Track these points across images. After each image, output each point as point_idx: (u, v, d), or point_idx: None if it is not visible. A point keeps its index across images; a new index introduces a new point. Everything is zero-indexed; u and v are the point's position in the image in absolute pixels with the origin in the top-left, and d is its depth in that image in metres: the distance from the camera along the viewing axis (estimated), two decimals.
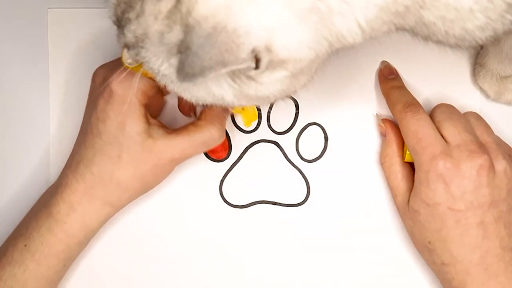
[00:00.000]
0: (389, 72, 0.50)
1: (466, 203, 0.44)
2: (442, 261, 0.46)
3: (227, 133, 0.51)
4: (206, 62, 0.31)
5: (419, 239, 0.47)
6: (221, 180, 0.52)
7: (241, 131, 0.52)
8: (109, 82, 0.44)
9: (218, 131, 0.46)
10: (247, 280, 0.52)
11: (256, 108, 0.51)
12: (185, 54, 0.32)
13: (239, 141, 0.52)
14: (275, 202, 0.52)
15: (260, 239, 0.52)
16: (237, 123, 0.52)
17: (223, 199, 0.52)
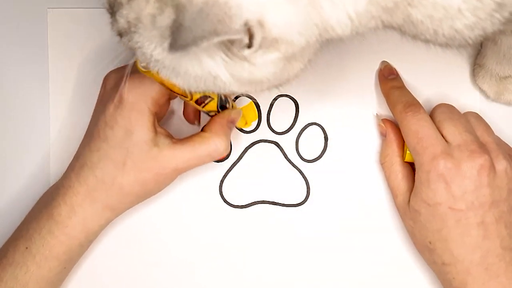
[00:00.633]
0: (389, 72, 0.50)
1: (467, 203, 0.44)
2: (443, 261, 0.46)
3: None
4: (198, 32, 0.31)
5: (419, 239, 0.47)
6: (221, 180, 0.52)
7: (241, 131, 0.52)
8: (121, 88, 0.43)
9: (224, 144, 0.46)
10: (247, 280, 0.52)
11: (256, 108, 0.52)
12: (177, 30, 0.32)
13: (239, 141, 0.52)
14: (275, 202, 0.52)
15: (260, 239, 0.52)
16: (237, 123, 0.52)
17: (223, 199, 0.52)
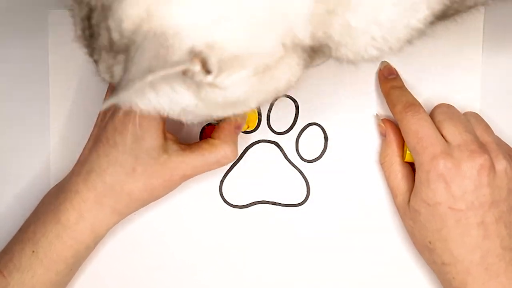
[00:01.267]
0: (389, 72, 0.50)
1: (467, 203, 0.44)
2: (443, 261, 0.46)
3: None
4: (131, 74, 0.30)
5: (419, 239, 0.47)
6: (221, 180, 0.52)
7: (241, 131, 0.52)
8: None
9: (232, 150, 0.46)
10: (247, 280, 0.52)
11: (256, 109, 0.52)
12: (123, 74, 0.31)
13: (239, 141, 0.52)
14: (275, 202, 0.52)
15: (260, 239, 0.52)
16: None
17: (223, 199, 0.52)
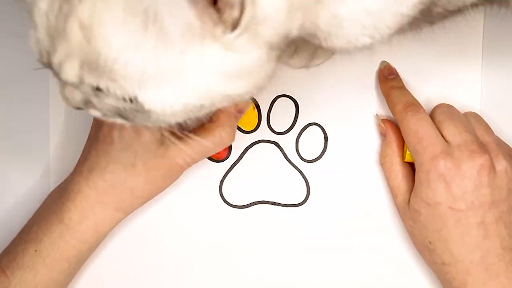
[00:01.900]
0: (389, 72, 0.50)
1: (467, 203, 0.44)
2: (443, 261, 0.46)
3: None
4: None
5: (419, 239, 0.47)
6: (221, 180, 0.52)
7: (241, 131, 0.52)
8: None
9: (228, 134, 0.46)
10: (247, 280, 0.52)
11: (256, 108, 0.52)
12: None
13: (239, 141, 0.52)
14: (275, 202, 0.52)
15: (260, 239, 0.52)
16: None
17: (223, 199, 0.52)
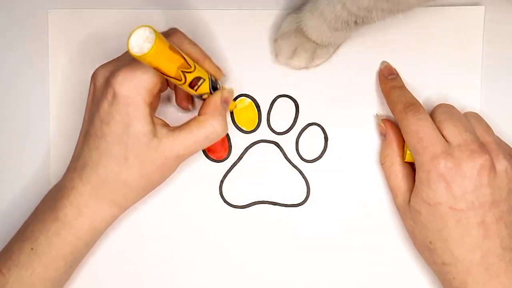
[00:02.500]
0: (389, 72, 0.50)
1: (467, 203, 0.44)
2: (443, 261, 0.46)
3: (227, 133, 0.51)
4: None
5: (419, 239, 0.47)
6: (221, 180, 0.52)
7: (241, 131, 0.52)
8: (112, 83, 0.43)
9: (220, 125, 0.46)
10: (247, 280, 0.52)
11: (256, 108, 0.52)
12: None
13: (239, 141, 0.52)
14: (275, 202, 0.52)
15: (260, 239, 0.52)
16: (237, 123, 0.52)
17: (223, 199, 0.52)
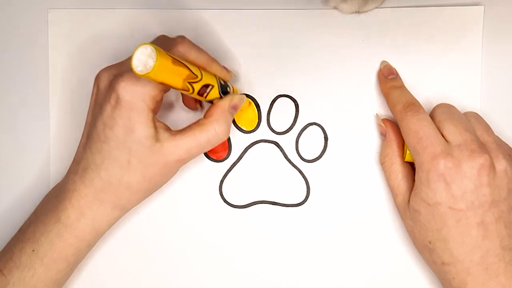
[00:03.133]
0: (389, 72, 0.50)
1: (467, 202, 0.44)
2: (443, 261, 0.46)
3: None
4: None
5: (419, 239, 0.47)
6: (221, 180, 0.52)
7: (241, 131, 0.52)
8: (116, 87, 0.43)
9: (223, 128, 0.46)
10: (247, 280, 0.52)
11: (256, 108, 0.52)
12: None
13: (239, 141, 0.52)
14: (275, 202, 0.52)
15: (260, 239, 0.52)
16: (237, 123, 0.52)
17: (223, 199, 0.52)
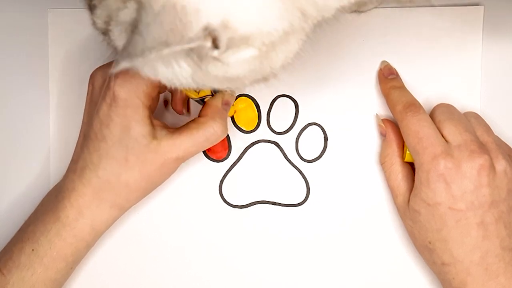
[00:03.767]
0: (389, 72, 0.50)
1: (467, 203, 0.44)
2: (443, 261, 0.46)
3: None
4: (148, 42, 0.30)
5: (419, 239, 0.47)
6: (221, 180, 0.52)
7: (241, 131, 0.52)
8: (111, 85, 0.43)
9: (220, 126, 0.46)
10: (247, 280, 0.52)
11: (256, 108, 0.52)
12: (132, 33, 0.31)
13: (239, 141, 0.52)
14: (275, 202, 0.52)
15: (260, 239, 0.52)
16: (237, 123, 0.52)
17: (223, 199, 0.52)
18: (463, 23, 0.51)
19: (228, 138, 0.52)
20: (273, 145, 0.52)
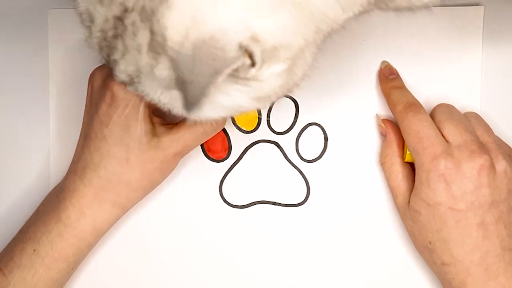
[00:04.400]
0: (389, 72, 0.50)
1: (467, 203, 0.44)
2: (443, 261, 0.46)
3: (227, 133, 0.51)
4: (201, 82, 0.31)
5: (419, 239, 0.47)
6: (221, 180, 0.52)
7: (241, 131, 0.52)
8: (110, 84, 0.43)
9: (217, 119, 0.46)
10: (247, 280, 0.52)
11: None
12: (184, 89, 0.32)
13: (239, 141, 0.52)
14: (275, 202, 0.52)
15: (260, 239, 0.52)
16: (237, 123, 0.52)
17: (223, 199, 0.52)
18: (463, 23, 0.51)
19: (228, 138, 0.52)
20: (273, 145, 0.52)
